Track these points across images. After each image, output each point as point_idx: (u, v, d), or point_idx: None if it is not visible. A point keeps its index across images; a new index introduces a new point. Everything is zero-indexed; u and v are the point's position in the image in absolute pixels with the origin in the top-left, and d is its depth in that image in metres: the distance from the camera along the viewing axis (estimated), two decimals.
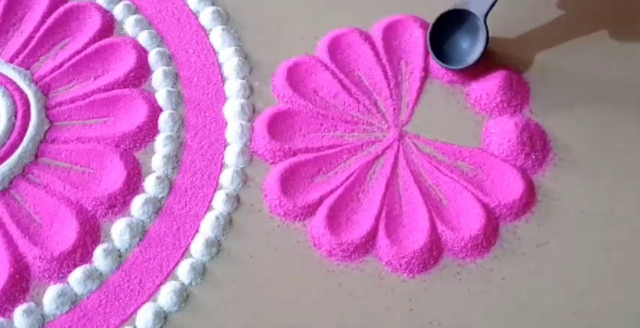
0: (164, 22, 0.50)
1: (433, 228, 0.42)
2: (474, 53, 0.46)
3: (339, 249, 0.42)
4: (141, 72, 0.48)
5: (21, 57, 0.48)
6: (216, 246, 0.42)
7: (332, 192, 0.44)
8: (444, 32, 0.47)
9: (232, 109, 0.47)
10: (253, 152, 0.45)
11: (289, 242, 0.42)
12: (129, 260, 0.42)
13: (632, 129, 0.46)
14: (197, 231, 0.43)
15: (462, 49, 0.47)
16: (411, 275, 0.41)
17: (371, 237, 0.42)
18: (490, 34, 0.45)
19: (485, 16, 0.45)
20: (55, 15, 0.50)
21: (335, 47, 0.49)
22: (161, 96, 0.47)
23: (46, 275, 0.41)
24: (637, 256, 0.42)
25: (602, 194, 0.44)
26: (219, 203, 0.43)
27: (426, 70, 0.48)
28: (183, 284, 0.41)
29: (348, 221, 0.43)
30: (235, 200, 0.44)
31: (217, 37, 0.49)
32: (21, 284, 0.41)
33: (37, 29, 0.49)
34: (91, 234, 0.42)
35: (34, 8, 0.50)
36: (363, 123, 0.46)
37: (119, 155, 0.45)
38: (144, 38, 0.49)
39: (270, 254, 0.42)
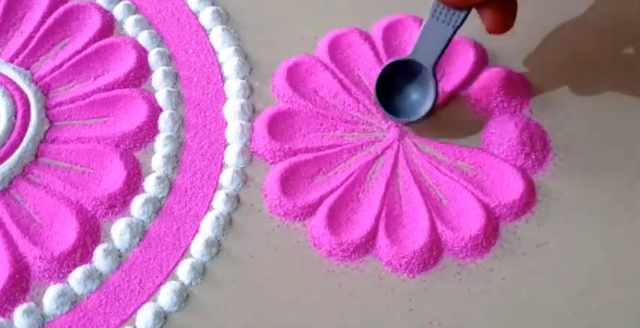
0: (164, 22, 0.50)
1: (433, 228, 0.42)
2: (425, 105, 0.44)
3: (339, 249, 0.42)
4: (141, 72, 0.48)
5: (21, 57, 0.48)
6: (216, 246, 0.42)
7: (332, 192, 0.44)
8: (392, 83, 0.45)
9: (232, 109, 0.47)
10: (253, 152, 0.45)
11: (289, 242, 0.42)
12: (129, 260, 0.42)
13: (633, 129, 0.46)
14: (197, 231, 0.43)
15: (412, 100, 0.45)
16: (411, 275, 0.41)
17: (371, 237, 0.42)
18: (488, 34, 0.45)
19: (434, 66, 0.43)
20: (55, 15, 0.50)
21: (335, 47, 0.49)
22: (161, 96, 0.47)
23: (46, 275, 0.41)
24: (637, 256, 0.42)
25: (602, 194, 0.44)
26: (219, 203, 0.43)
27: None
28: (183, 284, 0.41)
29: (348, 221, 0.43)
30: (235, 200, 0.44)
31: (217, 37, 0.49)
32: (21, 284, 0.41)
33: (37, 29, 0.49)
34: (91, 234, 0.42)
35: (34, 8, 0.50)
36: (363, 123, 0.46)
37: (119, 155, 0.45)
38: (144, 38, 0.49)
39: (270, 254, 0.42)
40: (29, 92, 0.46)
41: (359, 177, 0.44)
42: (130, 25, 0.50)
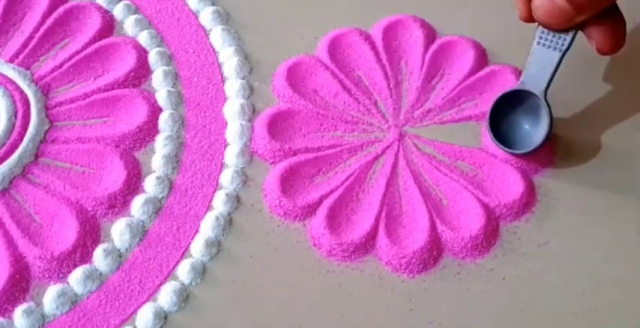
0: (164, 22, 0.50)
1: (433, 228, 0.42)
2: (539, 134, 0.42)
3: (339, 249, 0.42)
4: (141, 72, 0.48)
5: (21, 57, 0.48)
6: (216, 246, 0.42)
7: (332, 192, 0.44)
8: (502, 114, 0.43)
9: (232, 109, 0.47)
10: (253, 152, 0.45)
11: (289, 242, 0.42)
12: (129, 260, 0.42)
13: (633, 129, 0.46)
14: (197, 231, 0.43)
15: (524, 130, 0.43)
16: (411, 275, 0.41)
17: (371, 237, 0.42)
18: (488, 34, 0.45)
19: (545, 94, 0.42)
20: (55, 15, 0.50)
21: (335, 47, 0.49)
22: (161, 96, 0.47)
23: (46, 275, 0.41)
24: (637, 256, 0.42)
25: (603, 194, 0.44)
26: (219, 203, 0.43)
27: (425, 68, 0.48)
28: (183, 284, 0.41)
29: (348, 221, 0.43)
30: (235, 200, 0.44)
31: (217, 37, 0.49)
32: (21, 284, 0.41)
33: (37, 29, 0.49)
34: (91, 234, 0.42)
35: (34, 8, 0.50)
36: (363, 123, 0.46)
37: (119, 155, 0.45)
38: (144, 38, 0.49)
39: (270, 254, 0.42)
40: (29, 92, 0.46)
41: (359, 177, 0.44)
42: (130, 25, 0.50)
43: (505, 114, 0.44)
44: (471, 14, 0.50)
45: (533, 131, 0.43)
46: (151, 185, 0.44)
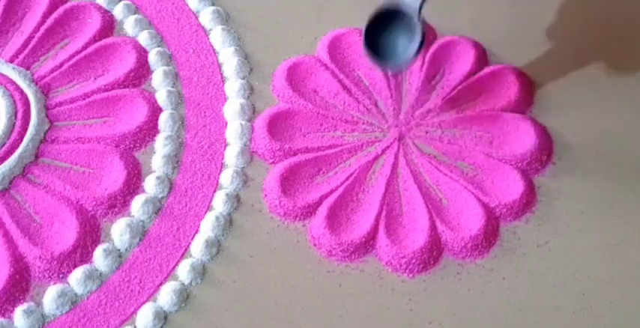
0: (164, 22, 0.50)
1: (433, 228, 0.42)
2: (411, 49, 0.41)
3: (339, 249, 0.42)
4: (141, 72, 0.48)
5: (21, 57, 0.48)
6: (216, 246, 0.42)
7: (332, 192, 0.44)
8: (381, 32, 0.43)
9: (232, 109, 0.47)
10: (253, 152, 0.45)
11: (289, 242, 0.42)
12: (129, 260, 0.42)
13: (633, 129, 0.46)
14: (197, 231, 0.43)
15: (400, 47, 0.42)
16: (411, 275, 0.41)
17: (371, 237, 0.42)
18: (488, 34, 0.44)
19: (419, 11, 0.41)
20: (55, 15, 0.50)
21: (335, 47, 0.49)
22: (161, 96, 0.47)
23: (46, 275, 0.41)
24: (637, 256, 0.42)
25: (603, 194, 0.44)
26: (219, 203, 0.43)
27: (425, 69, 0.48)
28: (183, 284, 0.41)
29: (348, 221, 0.43)
30: (235, 200, 0.44)
31: (217, 37, 0.49)
32: (21, 285, 0.41)
33: (37, 29, 0.49)
34: (91, 234, 0.42)
35: (34, 8, 0.50)
36: (363, 123, 0.46)
37: (119, 155, 0.45)
38: (144, 38, 0.49)
39: (270, 254, 0.42)
40: (29, 92, 0.46)
41: (359, 177, 0.44)
42: (130, 25, 0.50)
43: (381, 31, 0.43)
44: (470, 14, 0.50)
45: (409, 47, 0.42)
46: (151, 185, 0.44)
